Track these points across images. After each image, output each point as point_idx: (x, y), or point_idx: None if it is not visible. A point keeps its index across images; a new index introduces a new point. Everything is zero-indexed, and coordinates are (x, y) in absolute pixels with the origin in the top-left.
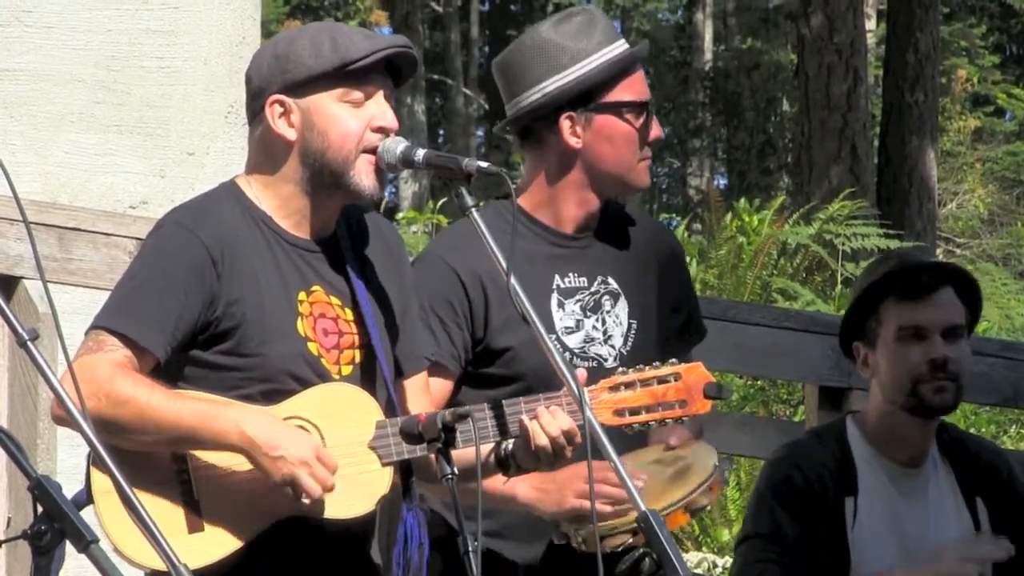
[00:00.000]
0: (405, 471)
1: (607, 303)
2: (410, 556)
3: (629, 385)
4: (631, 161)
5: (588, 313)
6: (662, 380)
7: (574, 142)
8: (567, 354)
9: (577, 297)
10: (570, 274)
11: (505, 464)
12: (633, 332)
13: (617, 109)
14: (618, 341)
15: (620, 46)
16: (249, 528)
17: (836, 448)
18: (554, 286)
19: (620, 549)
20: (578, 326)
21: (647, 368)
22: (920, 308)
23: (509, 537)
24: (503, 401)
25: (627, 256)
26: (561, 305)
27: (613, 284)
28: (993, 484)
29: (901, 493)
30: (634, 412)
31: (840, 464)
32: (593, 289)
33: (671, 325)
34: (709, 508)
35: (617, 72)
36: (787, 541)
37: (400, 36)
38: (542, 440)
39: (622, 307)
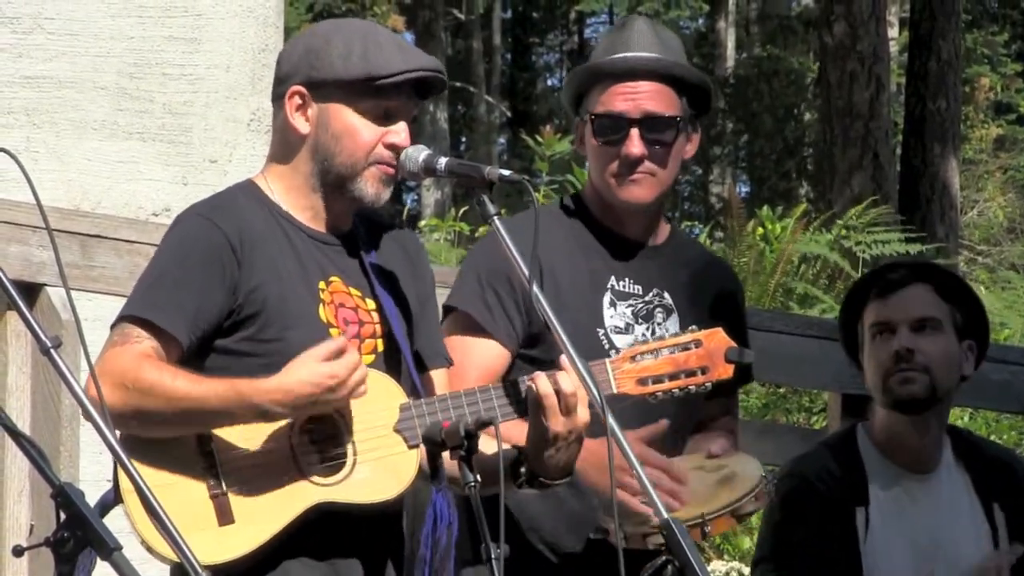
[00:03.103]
0: (433, 452)
1: (659, 315)
2: (439, 536)
3: (650, 354)
4: (602, 175)
5: (640, 320)
6: (683, 347)
7: (580, 148)
8: (613, 352)
9: (629, 302)
10: (626, 279)
11: (517, 465)
12: None
13: (589, 119)
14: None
15: (623, 54)
16: (278, 518)
17: (846, 458)
18: (608, 285)
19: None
20: (628, 329)
21: (667, 336)
22: (888, 304)
23: (546, 531)
24: (518, 379)
25: (686, 280)
26: (613, 304)
27: (668, 300)
28: (1010, 488)
29: (913, 500)
30: (657, 380)
31: (850, 475)
32: (647, 299)
33: None
34: (755, 514)
35: (594, 80)
36: (803, 560)
37: (432, 59)
38: (546, 387)
39: (673, 323)
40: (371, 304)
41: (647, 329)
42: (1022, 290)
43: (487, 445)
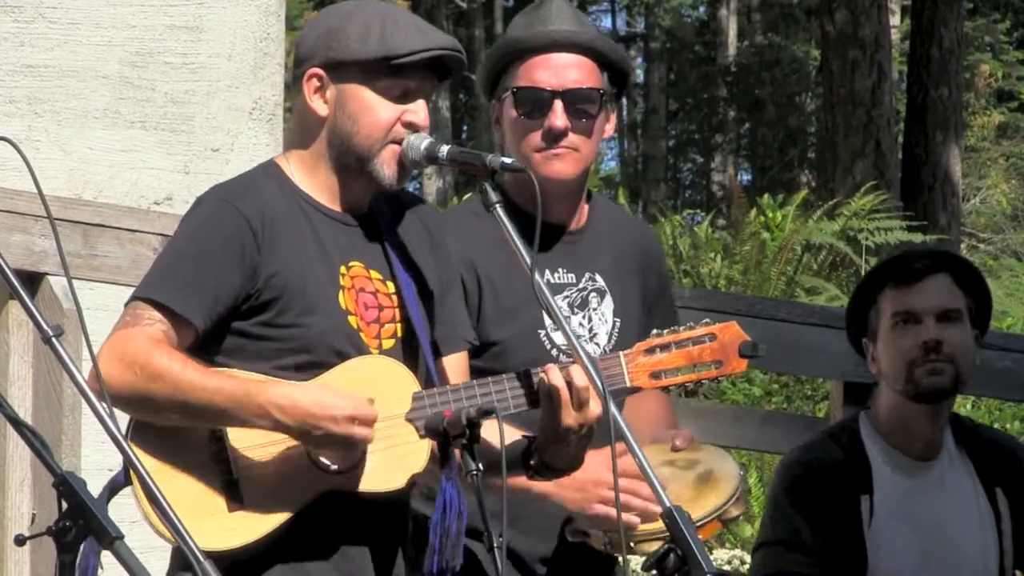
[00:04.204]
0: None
1: (594, 300)
2: (448, 525)
3: (664, 347)
4: (523, 150)
5: (575, 310)
6: (697, 341)
7: (496, 129)
8: (554, 351)
9: (565, 294)
10: (559, 269)
11: (527, 455)
12: (617, 330)
13: (511, 92)
14: (603, 339)
15: (543, 31)
16: (288, 505)
17: (849, 447)
18: (544, 281)
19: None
20: (566, 322)
21: (682, 329)
22: (912, 293)
23: (522, 530)
24: (530, 370)
25: (614, 254)
26: None
27: (600, 281)
28: (1012, 473)
29: (917, 487)
30: (671, 374)
31: (854, 463)
32: (580, 286)
33: (646, 326)
34: (740, 518)
35: (513, 56)
36: (805, 547)
37: (449, 38)
38: (558, 380)
39: (607, 305)
40: (391, 287)
41: (583, 317)
42: None
43: (497, 435)
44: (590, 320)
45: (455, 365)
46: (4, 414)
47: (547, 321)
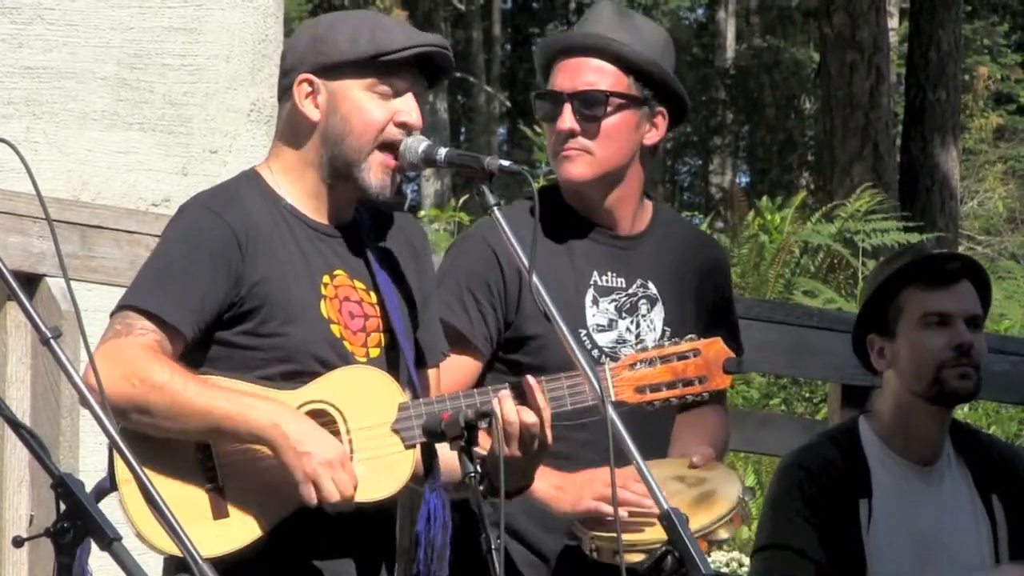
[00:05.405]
0: (429, 452)
1: (643, 307)
2: (433, 536)
3: (649, 362)
4: (548, 153)
5: (623, 314)
6: (682, 356)
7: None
8: (595, 351)
9: (612, 297)
10: (608, 272)
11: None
12: (667, 339)
13: (541, 96)
14: (650, 346)
15: (571, 33)
16: (274, 513)
17: (848, 450)
18: (591, 282)
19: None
20: (611, 325)
21: (666, 344)
22: (945, 295)
23: (545, 526)
24: (510, 383)
25: (673, 264)
26: (596, 302)
27: (652, 289)
28: (1008, 480)
29: (916, 492)
30: (655, 389)
31: (853, 466)
32: (631, 291)
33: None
34: (729, 540)
35: (544, 59)
36: (806, 552)
37: (438, 36)
38: (510, 415)
39: (658, 313)
40: (374, 298)
41: (631, 323)
42: (1022, 280)
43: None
44: (637, 326)
45: (431, 380)
46: (2, 415)
47: (590, 321)
